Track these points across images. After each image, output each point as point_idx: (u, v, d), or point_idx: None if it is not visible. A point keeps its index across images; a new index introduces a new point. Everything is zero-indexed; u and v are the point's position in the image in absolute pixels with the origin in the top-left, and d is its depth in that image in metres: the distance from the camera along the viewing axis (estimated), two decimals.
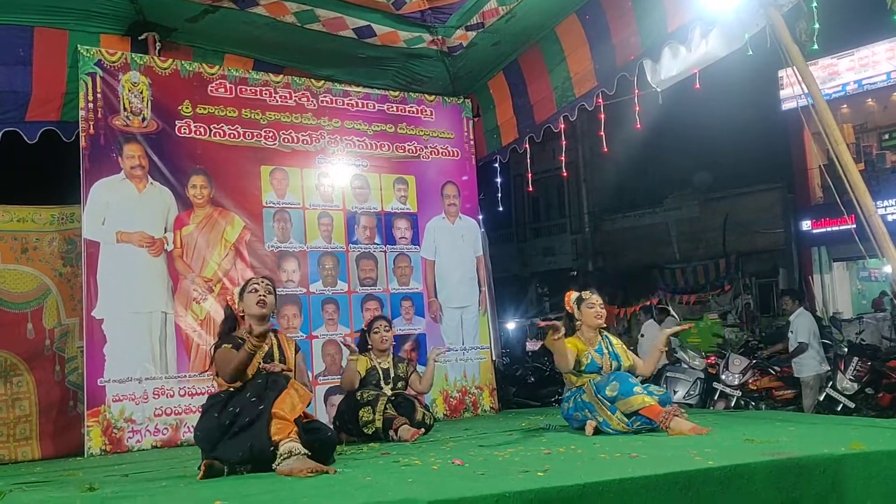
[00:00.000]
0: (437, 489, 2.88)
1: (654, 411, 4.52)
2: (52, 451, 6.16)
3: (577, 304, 5.14)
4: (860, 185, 4.97)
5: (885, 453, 3.48)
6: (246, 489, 3.20)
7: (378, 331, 5.78)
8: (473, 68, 7.85)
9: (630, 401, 4.58)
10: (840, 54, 16.21)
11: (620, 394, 4.62)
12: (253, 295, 4.21)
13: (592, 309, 5.07)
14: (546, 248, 23.60)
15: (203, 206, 6.71)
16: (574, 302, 5.14)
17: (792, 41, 5.26)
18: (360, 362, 5.66)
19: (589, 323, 5.07)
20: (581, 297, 5.14)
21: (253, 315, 4.16)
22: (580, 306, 5.11)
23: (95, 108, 6.37)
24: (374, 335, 5.77)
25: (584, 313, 5.09)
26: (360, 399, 5.40)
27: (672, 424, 4.42)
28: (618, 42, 6.58)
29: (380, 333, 5.77)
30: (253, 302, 4.19)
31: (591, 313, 5.07)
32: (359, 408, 5.35)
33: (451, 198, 7.94)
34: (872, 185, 12.58)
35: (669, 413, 4.48)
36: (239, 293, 4.31)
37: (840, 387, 8.09)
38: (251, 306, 4.19)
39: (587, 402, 4.80)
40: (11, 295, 6.28)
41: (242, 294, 4.27)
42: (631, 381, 4.69)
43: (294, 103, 7.24)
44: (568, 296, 5.20)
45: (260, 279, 4.36)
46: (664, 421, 4.45)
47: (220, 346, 4.12)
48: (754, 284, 18.36)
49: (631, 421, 4.61)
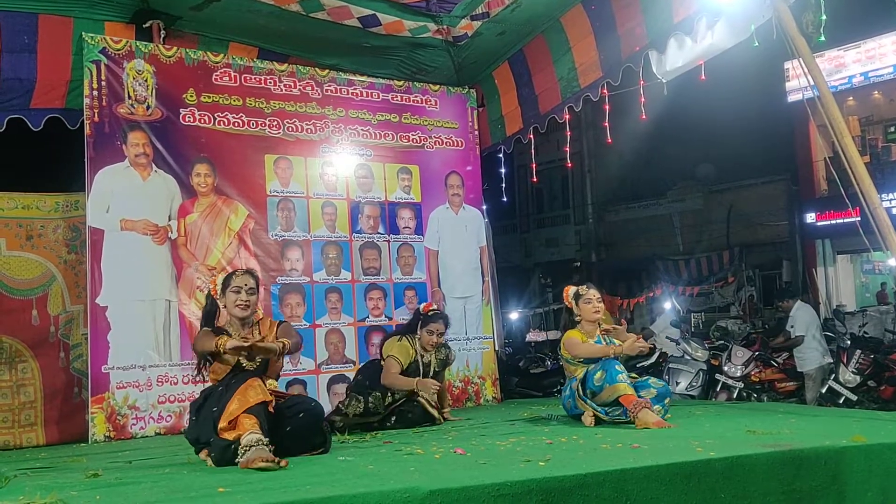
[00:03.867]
0: (438, 478, 2.89)
1: (629, 400, 4.62)
2: (57, 438, 6.18)
3: (574, 299, 5.22)
4: (865, 177, 4.96)
5: (886, 446, 3.50)
6: (248, 476, 3.22)
7: (433, 332, 5.68)
8: (478, 58, 7.82)
9: (615, 388, 4.67)
10: (846, 46, 16.12)
11: (606, 381, 4.71)
12: (234, 295, 4.20)
13: (590, 304, 5.15)
14: (549, 239, 23.59)
15: (207, 194, 6.72)
16: (572, 298, 5.23)
17: (798, 33, 5.25)
18: (402, 349, 5.59)
19: (587, 317, 5.16)
20: (578, 292, 5.21)
21: (233, 314, 4.20)
22: (578, 302, 5.20)
23: (100, 96, 6.36)
24: (428, 336, 5.67)
25: (581, 309, 5.17)
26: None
27: (640, 415, 4.52)
28: (623, 32, 6.55)
29: (434, 336, 5.69)
30: (233, 303, 4.19)
31: (588, 308, 5.15)
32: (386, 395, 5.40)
33: (454, 188, 7.93)
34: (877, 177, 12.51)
35: (639, 404, 4.57)
36: (222, 285, 4.27)
37: (842, 379, 8.09)
38: (232, 306, 4.20)
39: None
40: (16, 282, 6.29)
41: (225, 288, 4.24)
42: (617, 369, 4.75)
43: (298, 92, 7.23)
44: (566, 291, 5.28)
45: (244, 275, 4.30)
46: (633, 410, 4.56)
47: (202, 328, 4.25)
48: (758, 276, 18.35)
49: (607, 409, 4.72)
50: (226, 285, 4.25)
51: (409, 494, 2.62)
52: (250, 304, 4.20)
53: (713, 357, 9.00)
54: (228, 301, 4.20)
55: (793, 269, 17.56)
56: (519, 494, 2.73)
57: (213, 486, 2.95)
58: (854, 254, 17.08)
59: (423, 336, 5.68)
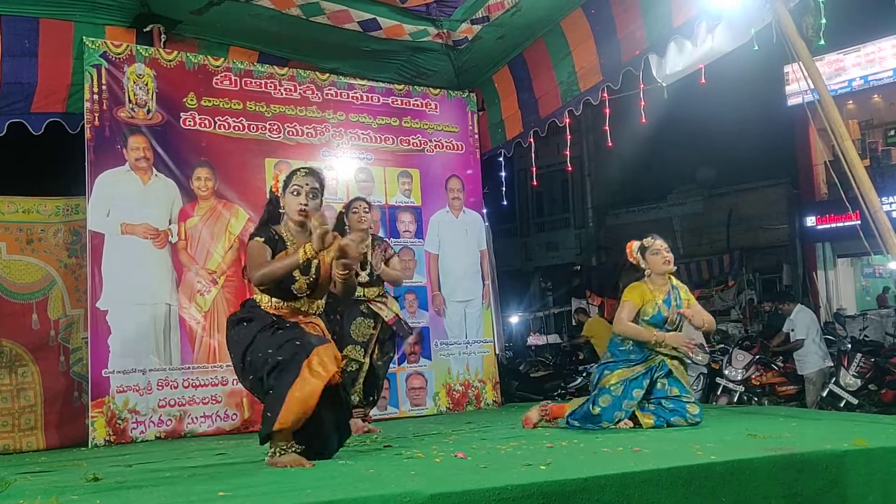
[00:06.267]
0: (439, 482, 2.89)
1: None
2: (57, 442, 6.18)
3: (640, 252, 4.86)
4: (865, 181, 4.97)
5: (886, 450, 3.49)
6: (249, 481, 3.22)
7: (357, 210, 5.46)
8: (478, 62, 7.84)
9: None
10: (846, 50, 16.16)
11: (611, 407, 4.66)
12: (293, 198, 3.76)
13: (658, 255, 4.80)
14: (550, 243, 23.59)
15: (207, 198, 6.72)
16: (637, 252, 4.87)
17: (798, 36, 5.26)
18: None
19: (657, 270, 4.79)
20: (643, 245, 4.87)
21: (291, 219, 3.78)
22: (644, 255, 4.84)
23: (101, 100, 6.37)
24: (353, 215, 5.44)
25: (650, 261, 4.82)
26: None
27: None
28: (623, 36, 6.56)
29: (359, 214, 5.44)
30: (294, 206, 3.75)
31: (657, 260, 4.80)
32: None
33: (455, 191, 7.94)
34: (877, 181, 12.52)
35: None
36: (283, 183, 3.82)
37: (843, 383, 8.08)
38: (291, 209, 3.77)
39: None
40: (17, 285, 6.29)
41: (286, 187, 3.79)
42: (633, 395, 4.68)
43: (299, 96, 7.23)
44: (629, 246, 4.93)
45: (306, 175, 3.81)
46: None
47: (254, 237, 3.76)
48: (758, 280, 18.34)
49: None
50: (286, 185, 3.79)
51: (409, 498, 2.62)
52: (309, 209, 3.73)
53: (713, 361, 8.99)
54: (288, 203, 3.77)
55: (793, 272, 17.56)
56: (520, 498, 2.73)
57: (213, 491, 2.95)
58: (854, 257, 17.11)
59: (350, 221, 5.42)
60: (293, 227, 3.79)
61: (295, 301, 3.78)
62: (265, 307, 3.76)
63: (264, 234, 3.77)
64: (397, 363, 7.25)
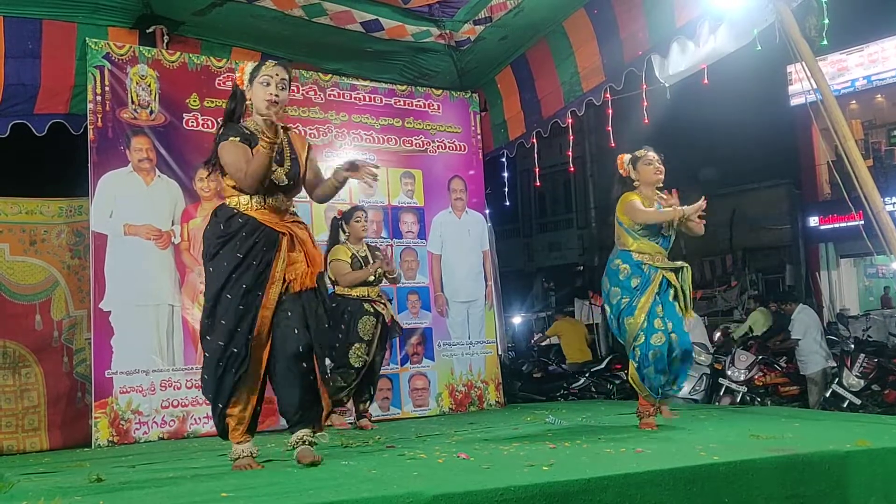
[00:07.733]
0: (442, 483, 2.89)
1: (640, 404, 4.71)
2: (60, 442, 6.18)
3: (632, 164, 4.79)
4: (868, 181, 4.96)
5: (889, 450, 3.49)
6: (251, 482, 3.22)
7: (360, 220, 5.95)
8: (481, 63, 7.84)
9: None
10: (849, 50, 16.15)
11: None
12: (264, 88, 3.58)
13: (650, 166, 4.75)
14: (552, 243, 23.60)
15: (210, 199, 6.72)
16: (629, 163, 4.80)
17: (801, 36, 5.25)
18: (340, 252, 5.87)
19: (648, 180, 4.75)
20: (636, 156, 4.80)
21: (260, 112, 3.60)
22: (636, 165, 4.78)
23: (104, 101, 6.38)
24: (356, 224, 5.93)
25: (641, 172, 4.76)
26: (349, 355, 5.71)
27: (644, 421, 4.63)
28: (626, 37, 6.56)
29: (361, 223, 5.95)
30: (262, 97, 3.57)
31: (649, 170, 4.75)
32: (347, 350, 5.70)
33: (457, 192, 7.94)
34: (881, 181, 12.54)
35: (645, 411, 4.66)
36: (250, 75, 3.66)
37: (846, 383, 8.07)
38: (259, 100, 3.60)
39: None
40: (20, 287, 6.30)
41: (253, 79, 3.64)
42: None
43: (301, 97, 7.23)
44: (620, 158, 4.85)
45: (275, 66, 3.64)
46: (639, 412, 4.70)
47: (227, 138, 3.58)
48: (761, 280, 18.32)
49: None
50: (253, 76, 3.63)
51: (412, 499, 2.62)
52: (280, 100, 3.58)
53: (716, 361, 8.98)
54: (256, 94, 3.60)
55: (796, 273, 17.54)
56: (522, 499, 2.73)
57: (216, 492, 2.95)
58: (857, 257, 17.10)
59: (353, 229, 5.93)
60: (260, 120, 3.60)
61: (274, 197, 3.64)
62: (244, 209, 3.60)
63: (236, 132, 3.62)
64: (399, 364, 7.27)
